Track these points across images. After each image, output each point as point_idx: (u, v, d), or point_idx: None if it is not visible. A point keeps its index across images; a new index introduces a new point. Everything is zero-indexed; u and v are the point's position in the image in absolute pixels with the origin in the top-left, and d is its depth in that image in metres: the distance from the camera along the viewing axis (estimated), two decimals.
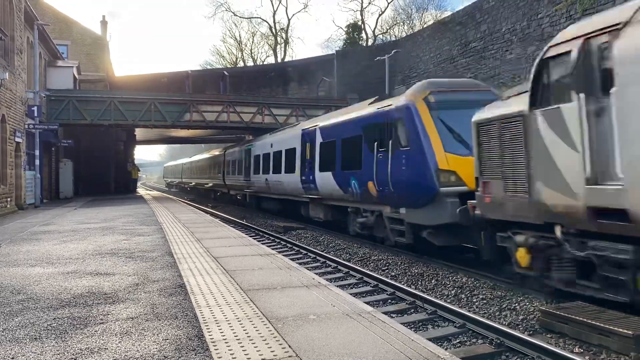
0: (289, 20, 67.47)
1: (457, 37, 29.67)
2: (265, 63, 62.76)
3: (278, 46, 63.12)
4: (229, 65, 63.42)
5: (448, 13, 45.19)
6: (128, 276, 6.91)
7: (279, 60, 60.20)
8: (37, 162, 23.65)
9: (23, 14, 22.04)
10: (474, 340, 6.53)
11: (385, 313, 7.02)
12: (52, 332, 4.47)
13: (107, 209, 21.23)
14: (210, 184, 39.47)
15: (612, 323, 5.97)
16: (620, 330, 5.73)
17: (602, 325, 5.95)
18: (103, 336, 4.33)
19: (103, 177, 37.74)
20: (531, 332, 6.67)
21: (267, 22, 67.35)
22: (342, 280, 10.28)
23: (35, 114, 23.31)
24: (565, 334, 6.39)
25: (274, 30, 63.23)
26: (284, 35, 63.30)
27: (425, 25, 44.31)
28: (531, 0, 23.71)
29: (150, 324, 4.69)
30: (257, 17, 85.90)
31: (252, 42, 69.23)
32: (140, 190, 49.79)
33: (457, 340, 6.56)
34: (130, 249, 9.52)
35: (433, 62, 32.12)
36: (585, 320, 6.17)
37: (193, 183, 49.74)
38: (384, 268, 11.27)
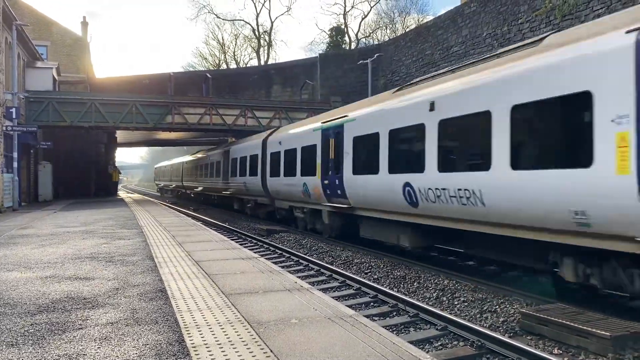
0: (272, 22, 67.44)
1: (439, 41, 29.93)
2: (248, 65, 62.62)
3: (261, 49, 63.07)
4: (211, 68, 63.19)
5: (430, 17, 45.69)
6: (108, 280, 6.82)
7: (262, 62, 60.13)
8: (15, 164, 23.24)
9: (1, 14, 21.69)
10: (456, 342, 6.57)
11: (367, 316, 7.05)
12: (29, 338, 4.39)
13: (87, 212, 20.94)
14: (232, 190, 27.29)
15: (590, 324, 6.06)
16: (598, 331, 5.83)
17: (580, 326, 6.04)
18: (82, 342, 4.27)
19: (83, 179, 37.25)
20: (511, 334, 6.74)
21: (250, 25, 67.41)
22: (324, 283, 10.27)
23: (14, 116, 22.90)
24: (544, 335, 6.48)
25: (257, 33, 63.19)
26: (267, 37, 63.31)
27: (407, 30, 44.63)
28: (511, 5, 24.03)
29: (130, 329, 4.63)
30: (240, 20, 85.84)
31: (235, 44, 69.13)
32: (121, 193, 49.24)
33: (439, 343, 6.60)
34: (110, 252, 9.40)
35: (415, 66, 32.35)
36: (564, 322, 6.25)
37: (200, 188, 37.11)
38: (366, 271, 11.29)
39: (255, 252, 11.61)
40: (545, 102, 7.46)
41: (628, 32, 6.44)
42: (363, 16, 63.49)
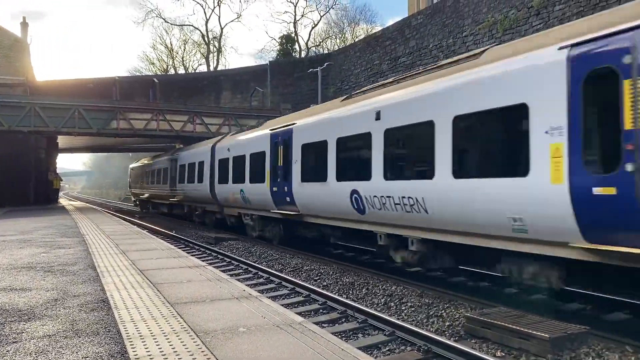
0: (221, 29, 66.43)
1: (387, 52, 30.50)
2: (197, 71, 61.76)
3: (211, 55, 62.36)
4: (159, 72, 61.89)
5: (379, 28, 46.55)
6: (46, 291, 6.52)
7: (212, 68, 59.45)
8: None
9: None
10: (403, 347, 6.65)
11: (316, 323, 7.05)
12: None
13: (25, 220, 19.98)
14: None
15: (531, 327, 6.28)
16: (538, 333, 6.04)
17: (521, 329, 6.25)
18: (16, 356, 4.05)
19: (21, 186, 35.52)
20: (457, 338, 6.89)
21: (199, 30, 66.45)
22: (274, 291, 10.19)
23: None
24: (488, 338, 6.66)
25: (206, 39, 62.44)
26: (216, 44, 62.66)
27: (357, 39, 45.27)
28: (456, 19, 24.81)
29: (69, 341, 4.43)
30: (189, 25, 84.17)
31: (184, 49, 67.50)
32: (63, 201, 47.33)
33: (387, 348, 6.66)
34: (49, 262, 8.99)
35: (364, 75, 32.81)
36: (506, 325, 6.45)
37: (256, 213, 17.29)
38: (316, 278, 11.30)
39: (202, 261, 11.39)
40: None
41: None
42: (313, 25, 63.91)
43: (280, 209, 14.93)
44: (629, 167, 5.82)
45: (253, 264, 12.73)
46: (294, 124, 14.21)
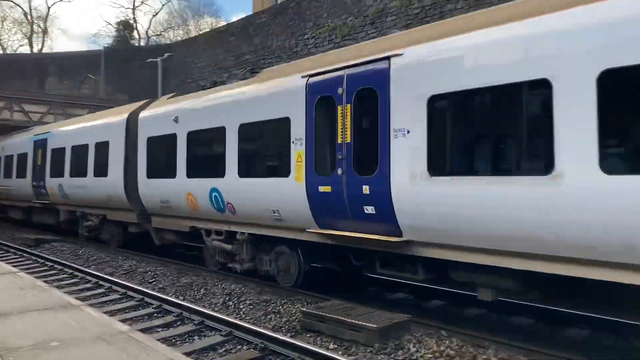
0: (48, 8, 59.96)
1: (232, 47, 30.19)
2: (17, 52, 55.02)
3: (35, 35, 56.01)
4: None
5: (224, 22, 45.93)
6: None
7: (36, 51, 53.46)
8: None
9: None
10: (240, 347, 6.56)
11: (148, 329, 6.67)
12: None
13: None
14: None
15: (361, 318, 6.60)
16: (367, 324, 6.38)
17: (352, 321, 6.54)
18: None
19: None
20: (293, 334, 6.99)
21: (21, 8, 59.16)
22: (103, 296, 9.42)
23: None
24: (322, 332, 6.86)
25: (29, 18, 55.95)
26: (42, 24, 56.47)
27: (201, 32, 44.14)
28: (299, 21, 25.41)
29: None
30: (9, 1, 74.59)
31: (2, 27, 59.75)
32: None
33: (224, 349, 6.52)
34: None
35: (208, 69, 32.09)
36: (338, 317, 6.70)
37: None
38: (151, 280, 10.72)
39: (16, 267, 10.11)
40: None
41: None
42: (154, 13, 60.62)
43: (335, 228, 8.05)
44: None
45: (79, 267, 11.66)
46: (390, 56, 7.21)
